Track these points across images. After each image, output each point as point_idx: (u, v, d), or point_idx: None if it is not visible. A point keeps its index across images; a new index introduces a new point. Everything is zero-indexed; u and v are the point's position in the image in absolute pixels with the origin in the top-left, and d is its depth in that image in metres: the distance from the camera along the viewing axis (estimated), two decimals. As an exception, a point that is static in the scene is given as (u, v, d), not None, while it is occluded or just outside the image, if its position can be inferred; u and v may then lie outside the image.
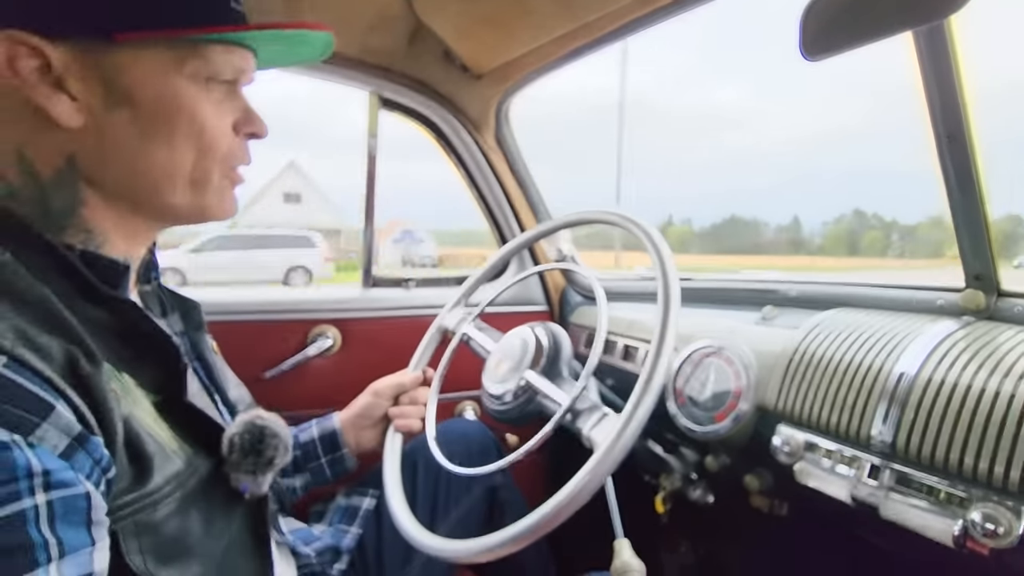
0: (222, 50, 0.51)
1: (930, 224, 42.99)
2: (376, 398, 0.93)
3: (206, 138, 0.51)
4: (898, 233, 43.52)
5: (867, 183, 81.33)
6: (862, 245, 40.85)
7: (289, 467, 0.88)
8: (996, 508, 0.61)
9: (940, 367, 0.70)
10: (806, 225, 50.70)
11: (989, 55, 1.28)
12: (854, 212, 50.72)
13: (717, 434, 0.92)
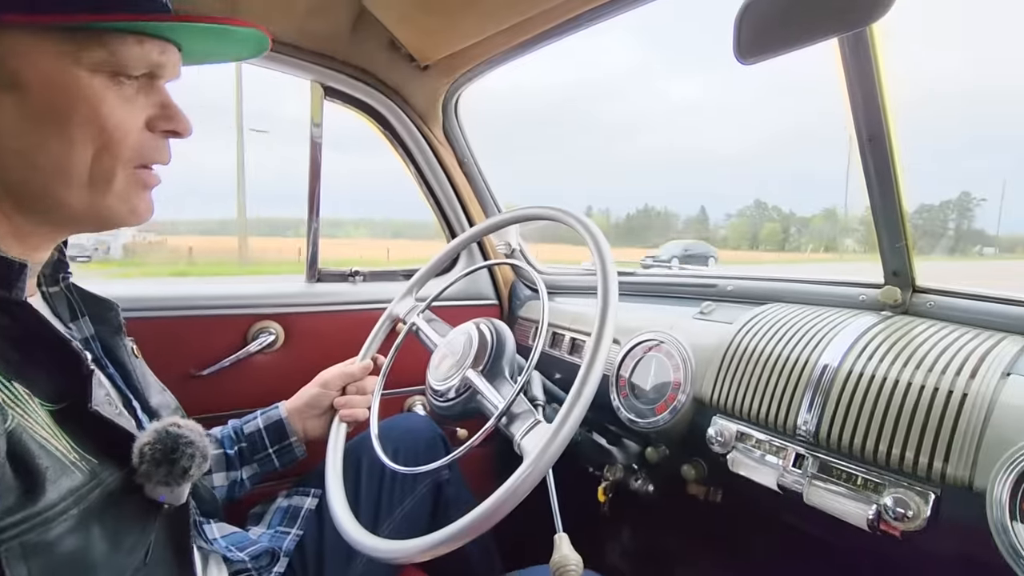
0: (134, 41, 0.48)
1: (823, 216, 45.07)
2: (324, 388, 0.92)
3: (107, 134, 0.47)
4: (795, 225, 45.45)
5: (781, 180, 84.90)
6: (761, 236, 42.24)
7: (235, 459, 0.87)
8: (907, 493, 0.65)
9: (860, 360, 0.74)
10: (712, 216, 52.26)
11: (910, 64, 1.35)
12: (755, 203, 52.28)
13: (657, 426, 0.94)
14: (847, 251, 41.55)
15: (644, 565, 1.28)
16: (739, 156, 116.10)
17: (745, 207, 53.98)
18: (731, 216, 53.02)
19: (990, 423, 0.61)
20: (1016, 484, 0.56)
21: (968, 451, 0.61)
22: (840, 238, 48.79)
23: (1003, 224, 38.13)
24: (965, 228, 43.85)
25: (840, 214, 51.79)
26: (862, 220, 52.15)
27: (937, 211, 49.61)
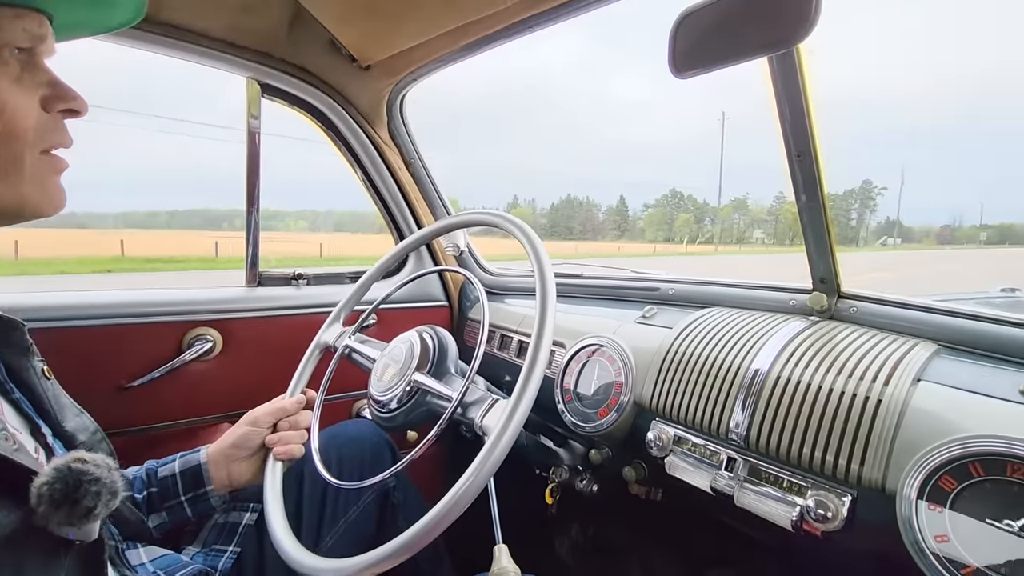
0: (12, 15, 0.45)
1: (733, 206, 46.68)
2: (253, 427, 0.85)
3: (7, 117, 0.45)
4: (709, 216, 46.74)
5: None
6: (676, 226, 43.14)
7: (143, 505, 0.80)
8: (827, 495, 0.68)
9: (787, 365, 0.77)
10: (630, 206, 52.81)
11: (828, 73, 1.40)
12: (671, 192, 53.49)
13: (599, 429, 0.96)
14: (756, 243, 42.76)
15: (591, 561, 1.31)
16: (675, 146, 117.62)
17: (661, 197, 52.75)
18: (648, 207, 53.28)
19: (902, 428, 0.65)
20: (922, 486, 0.60)
21: (881, 455, 0.65)
22: (751, 230, 50.67)
23: (908, 214, 41.30)
24: (867, 219, 47.01)
25: (751, 205, 53.76)
26: (770, 211, 54.99)
27: (841, 200, 52.37)
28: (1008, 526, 0.55)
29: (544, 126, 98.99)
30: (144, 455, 0.85)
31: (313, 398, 0.92)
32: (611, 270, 1.29)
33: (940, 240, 68.21)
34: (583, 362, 1.03)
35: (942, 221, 69.19)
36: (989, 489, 0.57)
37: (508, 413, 0.63)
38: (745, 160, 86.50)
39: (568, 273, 1.34)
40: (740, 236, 43.66)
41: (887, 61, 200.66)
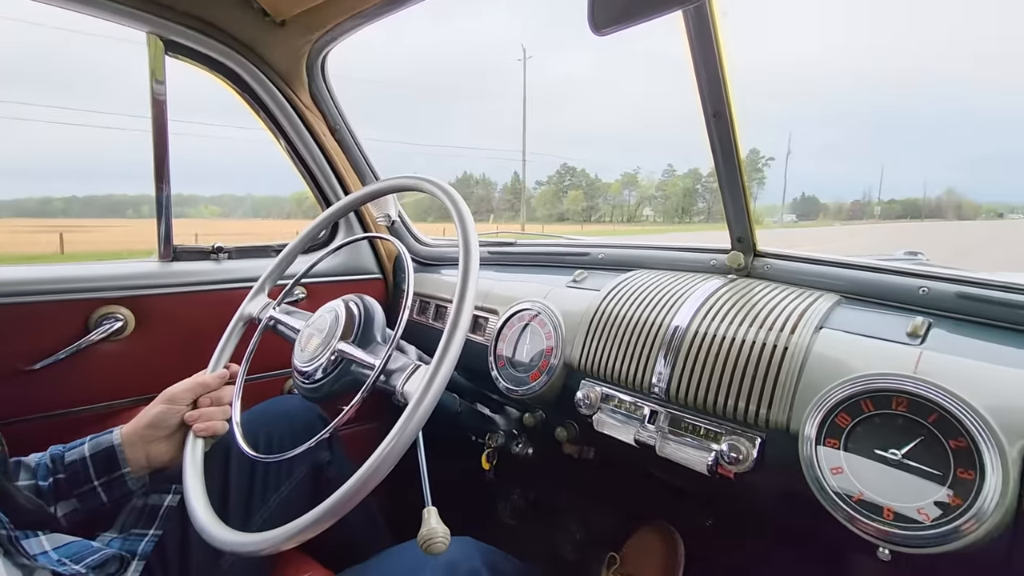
0: None
1: (622, 182, 46.59)
2: (170, 404, 0.80)
3: None
4: (600, 194, 45.93)
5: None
6: (566, 204, 42.31)
7: (48, 493, 0.74)
8: (739, 439, 0.72)
9: (705, 320, 0.80)
10: (526, 183, 51.27)
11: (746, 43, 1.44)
12: (563, 167, 51.81)
13: (532, 392, 0.97)
14: (646, 222, 42.11)
15: (531, 521, 1.34)
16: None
17: (552, 173, 51.27)
18: (540, 184, 51.19)
19: (804, 372, 0.69)
20: (821, 424, 0.64)
21: (786, 398, 0.69)
22: (641, 208, 50.38)
23: (822, 190, 43.40)
24: (756, 193, 48.64)
25: (641, 180, 53.52)
26: (659, 186, 54.27)
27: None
28: (893, 455, 0.59)
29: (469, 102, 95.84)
30: (54, 442, 0.79)
31: (236, 372, 0.88)
32: (545, 237, 1.30)
33: (851, 215, 71.41)
34: (515, 328, 1.04)
35: (854, 196, 73.36)
36: (878, 423, 0.61)
37: (428, 378, 0.63)
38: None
39: (502, 242, 1.34)
40: (631, 214, 43.01)
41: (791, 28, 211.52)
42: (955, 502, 0.55)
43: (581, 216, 41.99)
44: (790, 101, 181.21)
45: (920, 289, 0.75)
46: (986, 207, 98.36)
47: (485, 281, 1.20)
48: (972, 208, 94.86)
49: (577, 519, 1.30)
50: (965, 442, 0.55)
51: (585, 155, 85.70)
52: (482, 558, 0.79)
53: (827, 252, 0.92)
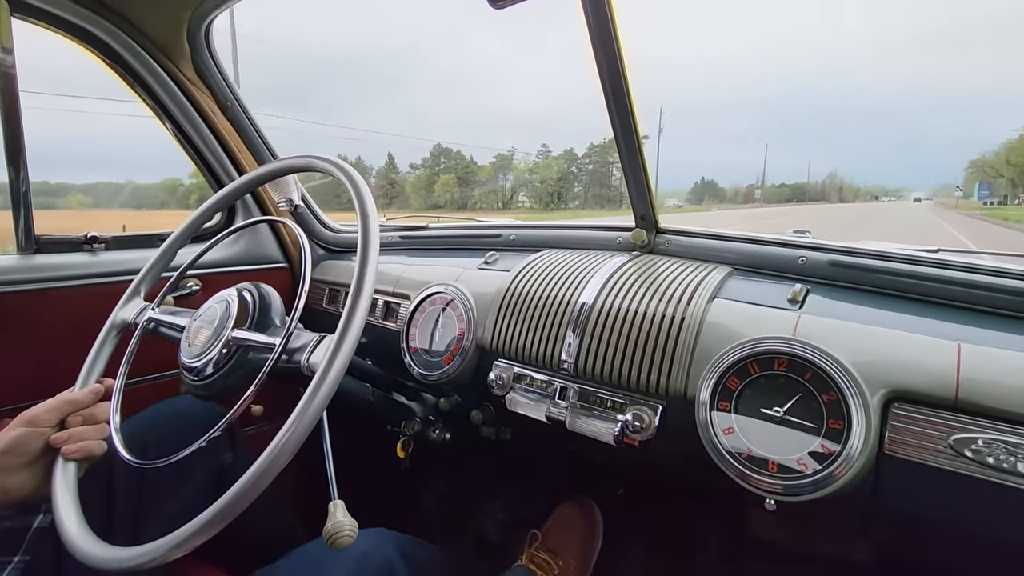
0: None
1: (495, 165, 43.69)
2: (30, 427, 0.69)
3: None
4: (475, 178, 39.44)
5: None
6: (436, 188, 39.08)
7: None
8: (642, 408, 0.75)
9: (610, 296, 0.82)
10: (401, 167, 46.52)
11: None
12: (436, 148, 44.61)
13: (446, 376, 0.96)
14: (521, 209, 38.94)
15: (454, 508, 1.34)
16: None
17: (428, 155, 45.51)
18: (415, 167, 44.39)
19: (699, 340, 0.73)
20: (714, 388, 0.67)
21: (683, 366, 0.72)
22: (518, 193, 43.38)
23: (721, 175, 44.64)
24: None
25: (517, 163, 47.01)
26: (533, 168, 46.54)
27: (599, 153, 50.78)
28: (776, 412, 0.64)
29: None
30: None
31: (111, 387, 0.78)
32: (458, 220, 1.28)
33: (746, 199, 75.85)
34: (428, 312, 1.01)
35: (748, 181, 78.02)
36: (763, 384, 0.66)
37: (334, 345, 0.59)
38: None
39: (414, 226, 1.30)
40: (506, 201, 40.47)
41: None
42: (828, 450, 0.60)
43: (455, 203, 38.58)
44: (696, 92, 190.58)
45: (799, 259, 0.81)
46: (864, 190, 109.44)
47: (396, 266, 1.17)
48: (852, 191, 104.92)
49: (500, 500, 1.31)
50: (835, 395, 0.60)
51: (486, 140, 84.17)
52: (396, 547, 0.77)
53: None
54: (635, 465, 0.92)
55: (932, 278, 0.70)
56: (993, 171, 49.65)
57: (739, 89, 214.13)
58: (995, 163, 50.10)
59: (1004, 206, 39.46)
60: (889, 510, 0.61)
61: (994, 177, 49.35)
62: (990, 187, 48.82)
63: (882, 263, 0.74)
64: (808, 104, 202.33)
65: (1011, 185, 46.57)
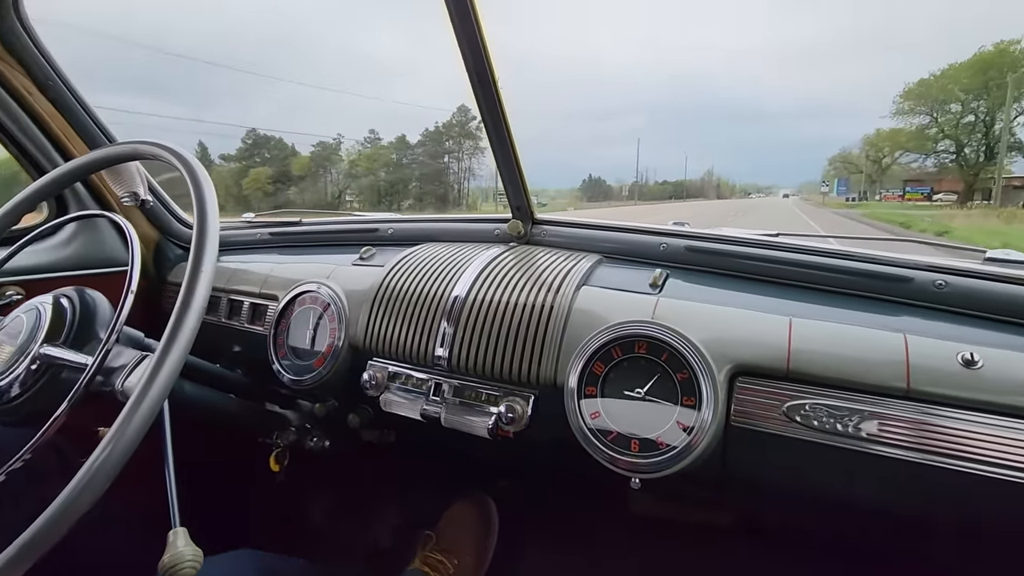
0: None
1: (315, 155, 36.47)
2: None
3: None
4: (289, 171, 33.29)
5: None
6: (245, 184, 31.92)
7: None
8: (515, 399, 0.74)
9: (483, 288, 0.81)
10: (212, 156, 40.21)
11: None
12: (254, 136, 36.60)
13: (319, 379, 0.89)
14: (346, 208, 28.72)
15: (341, 518, 1.27)
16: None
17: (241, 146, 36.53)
18: (226, 159, 36.32)
19: (568, 328, 0.74)
20: (581, 374, 0.68)
21: (553, 354, 0.73)
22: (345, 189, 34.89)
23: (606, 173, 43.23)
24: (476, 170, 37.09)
25: (345, 152, 38.10)
26: (356, 160, 37.69)
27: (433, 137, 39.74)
28: (637, 393, 0.66)
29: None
30: None
31: None
32: (335, 214, 1.21)
33: (632, 195, 77.79)
34: (297, 312, 0.94)
35: (633, 178, 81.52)
36: (626, 366, 0.67)
37: (152, 368, 0.52)
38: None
39: (285, 221, 1.21)
40: (333, 199, 32.21)
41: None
42: (683, 426, 0.63)
43: (269, 201, 30.37)
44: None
45: (660, 245, 0.84)
46: (739, 187, 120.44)
47: (264, 265, 1.08)
48: (728, 188, 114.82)
49: (390, 505, 1.26)
50: (688, 374, 0.63)
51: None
52: (259, 569, 0.71)
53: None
54: (517, 457, 0.92)
55: (772, 260, 0.76)
56: (853, 167, 52.25)
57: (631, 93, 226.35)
58: (855, 159, 52.48)
59: (866, 202, 42.03)
60: (739, 478, 0.66)
61: (853, 173, 51.95)
62: (847, 183, 51.98)
63: (731, 247, 0.79)
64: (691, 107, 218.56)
65: (869, 180, 48.76)
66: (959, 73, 34.60)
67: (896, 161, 43.77)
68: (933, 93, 35.99)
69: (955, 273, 0.65)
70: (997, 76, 32.47)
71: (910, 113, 37.63)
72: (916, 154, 38.81)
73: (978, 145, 34.55)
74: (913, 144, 38.46)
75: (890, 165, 45.39)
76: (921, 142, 37.65)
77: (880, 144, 46.00)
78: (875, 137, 47.05)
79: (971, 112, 34.50)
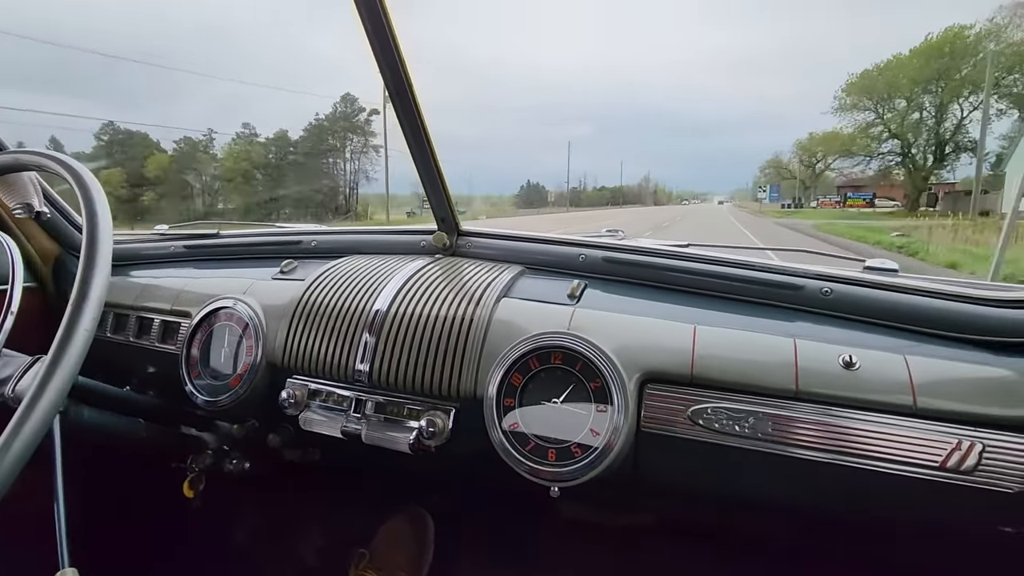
0: None
1: (178, 153, 28.63)
2: None
3: None
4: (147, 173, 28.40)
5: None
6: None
7: None
8: (436, 413, 0.74)
9: (404, 302, 0.80)
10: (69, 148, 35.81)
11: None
12: (111, 129, 31.31)
13: (236, 399, 0.86)
14: (215, 220, 26.12)
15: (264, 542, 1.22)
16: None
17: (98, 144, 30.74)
18: (87, 157, 29.50)
19: (487, 340, 0.74)
20: (500, 386, 0.69)
21: (473, 367, 0.73)
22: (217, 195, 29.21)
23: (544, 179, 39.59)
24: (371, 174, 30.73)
25: (220, 149, 32.03)
26: (226, 157, 31.69)
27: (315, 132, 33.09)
28: (554, 403, 0.67)
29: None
30: None
31: None
32: (256, 226, 1.17)
33: (571, 202, 75.66)
34: (211, 330, 0.90)
35: (572, 184, 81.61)
36: (543, 377, 0.69)
37: (46, 368, 0.49)
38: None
39: (201, 233, 1.16)
40: (208, 207, 26.93)
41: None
42: (596, 433, 0.64)
43: (128, 210, 25.67)
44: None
45: (580, 256, 0.87)
46: (675, 194, 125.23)
47: (178, 280, 1.03)
48: (665, 194, 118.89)
49: (320, 524, 1.22)
50: (600, 382, 0.65)
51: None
52: None
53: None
54: (445, 471, 0.91)
55: (681, 269, 0.80)
56: (786, 171, 49.99)
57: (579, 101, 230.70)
58: (787, 164, 50.02)
59: (801, 208, 40.17)
60: (651, 481, 0.68)
61: (786, 179, 49.81)
62: (779, 189, 51.03)
63: (645, 258, 0.83)
64: (633, 115, 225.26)
65: (803, 187, 46.64)
66: (906, 64, 30.67)
67: (830, 167, 42.19)
68: (878, 87, 32.20)
69: (839, 281, 0.71)
70: (949, 66, 28.61)
71: (852, 109, 33.55)
72: (859, 157, 35.61)
73: (925, 146, 31.55)
74: (858, 145, 34.74)
75: (823, 171, 43.98)
76: (865, 142, 34.22)
77: (813, 148, 44.00)
78: (808, 141, 44.69)
79: (918, 109, 31.13)
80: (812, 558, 0.85)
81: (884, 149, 33.99)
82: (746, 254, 0.83)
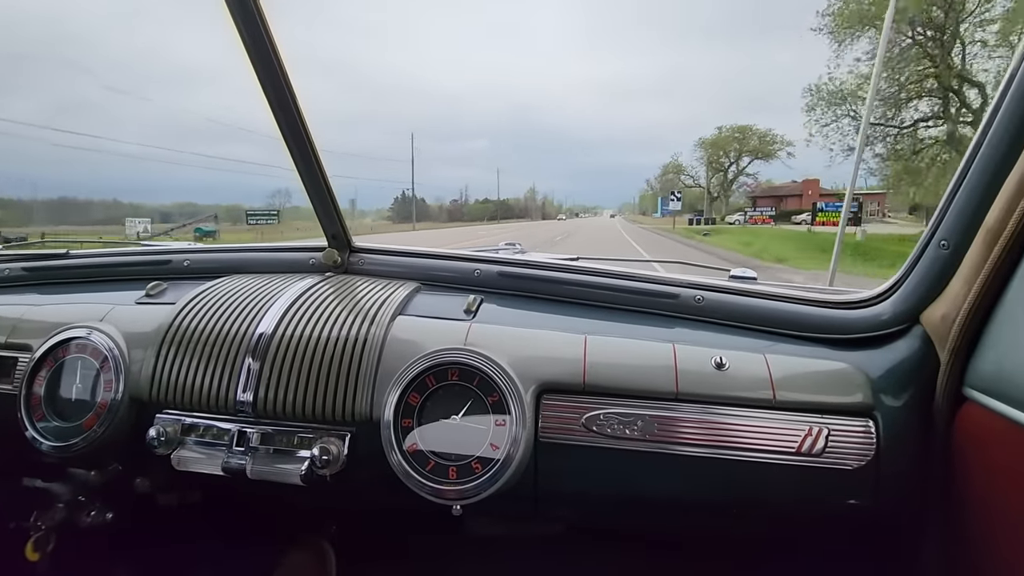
0: None
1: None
2: None
3: None
4: None
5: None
6: None
7: None
8: (330, 440, 0.70)
9: (291, 324, 0.76)
10: None
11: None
12: None
13: (91, 443, 0.76)
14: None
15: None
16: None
17: None
18: None
19: (383, 360, 0.72)
20: (397, 407, 0.67)
21: (368, 388, 0.71)
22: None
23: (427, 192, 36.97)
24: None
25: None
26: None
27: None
28: (453, 420, 0.67)
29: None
30: None
31: None
32: (112, 244, 1.04)
33: (451, 217, 68.65)
34: (57, 365, 0.79)
35: (452, 197, 78.44)
36: (442, 394, 0.68)
37: None
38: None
39: (48, 254, 1.01)
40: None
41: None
42: (495, 447, 0.65)
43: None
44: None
45: (475, 271, 0.87)
46: (564, 208, 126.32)
47: (15, 308, 0.89)
48: (554, 208, 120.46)
49: (210, 566, 1.11)
50: (498, 396, 0.66)
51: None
52: None
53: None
54: (343, 499, 0.87)
55: (572, 282, 0.84)
56: (689, 178, 44.47)
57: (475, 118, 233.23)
58: (687, 169, 44.47)
59: (715, 225, 31.55)
60: (552, 488, 0.70)
61: (689, 186, 43.62)
62: (674, 200, 38.90)
63: (538, 272, 0.85)
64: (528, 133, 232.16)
65: (710, 197, 39.56)
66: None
67: (743, 171, 37.16)
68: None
69: (708, 289, 0.78)
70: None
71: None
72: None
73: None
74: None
75: (737, 175, 38.37)
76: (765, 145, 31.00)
77: (727, 147, 36.69)
78: (719, 137, 37.27)
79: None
80: (711, 546, 0.92)
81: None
82: (631, 266, 0.88)
